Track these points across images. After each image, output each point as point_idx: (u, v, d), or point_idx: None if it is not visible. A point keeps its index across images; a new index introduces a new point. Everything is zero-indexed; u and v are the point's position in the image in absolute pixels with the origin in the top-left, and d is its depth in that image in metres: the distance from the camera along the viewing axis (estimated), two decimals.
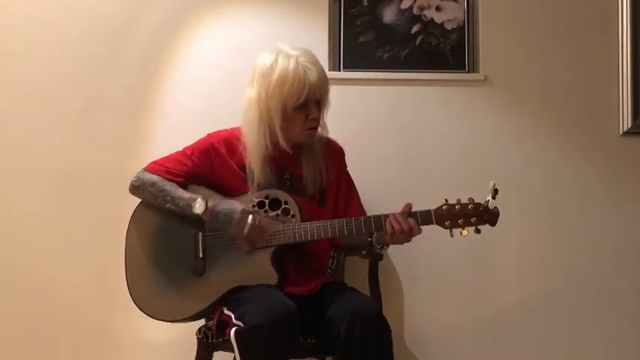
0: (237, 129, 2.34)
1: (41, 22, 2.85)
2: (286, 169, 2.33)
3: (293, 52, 2.22)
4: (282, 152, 2.29)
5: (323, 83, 2.23)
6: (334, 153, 2.42)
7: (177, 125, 2.83)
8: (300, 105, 2.20)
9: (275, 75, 2.19)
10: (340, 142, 2.47)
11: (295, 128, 2.25)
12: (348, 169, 2.47)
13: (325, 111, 2.30)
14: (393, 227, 2.12)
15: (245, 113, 2.29)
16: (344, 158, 2.46)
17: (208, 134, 2.39)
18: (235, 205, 2.23)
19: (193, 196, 2.24)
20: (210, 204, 2.22)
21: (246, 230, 2.18)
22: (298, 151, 2.32)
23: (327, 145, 2.40)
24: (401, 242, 2.17)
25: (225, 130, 2.38)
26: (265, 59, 2.24)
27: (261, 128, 2.24)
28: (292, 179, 2.33)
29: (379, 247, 2.28)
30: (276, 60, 2.21)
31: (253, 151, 2.27)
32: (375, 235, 2.24)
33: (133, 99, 2.85)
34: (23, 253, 2.81)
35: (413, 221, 2.13)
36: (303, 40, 2.81)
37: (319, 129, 2.30)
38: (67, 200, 2.82)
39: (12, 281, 2.81)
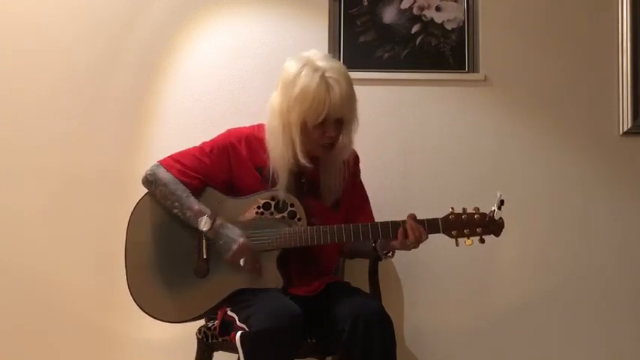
0: (258, 127, 2.30)
1: (41, 23, 2.85)
2: (304, 174, 2.28)
3: (320, 64, 2.14)
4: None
5: (345, 102, 2.14)
6: (349, 160, 2.35)
7: (177, 126, 2.83)
8: (319, 123, 2.15)
9: (297, 89, 2.13)
10: None
11: (312, 143, 2.20)
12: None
13: (351, 129, 2.22)
14: (407, 235, 2.12)
15: (269, 120, 2.24)
16: (358, 165, 2.43)
17: (229, 131, 2.34)
18: (236, 236, 2.19)
19: (203, 209, 2.20)
20: (217, 222, 2.19)
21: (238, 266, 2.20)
22: (316, 159, 2.26)
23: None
24: (409, 249, 2.16)
25: (246, 127, 2.33)
26: (291, 67, 2.17)
27: (284, 138, 2.19)
28: (309, 183, 2.29)
29: (384, 252, 2.25)
30: (300, 72, 2.13)
31: (276, 156, 2.22)
32: (379, 241, 2.23)
33: (133, 100, 2.85)
34: (23, 253, 2.81)
35: (422, 228, 2.13)
36: (303, 40, 2.83)
37: (343, 147, 2.24)
38: (67, 200, 2.82)
39: (12, 281, 2.80)
